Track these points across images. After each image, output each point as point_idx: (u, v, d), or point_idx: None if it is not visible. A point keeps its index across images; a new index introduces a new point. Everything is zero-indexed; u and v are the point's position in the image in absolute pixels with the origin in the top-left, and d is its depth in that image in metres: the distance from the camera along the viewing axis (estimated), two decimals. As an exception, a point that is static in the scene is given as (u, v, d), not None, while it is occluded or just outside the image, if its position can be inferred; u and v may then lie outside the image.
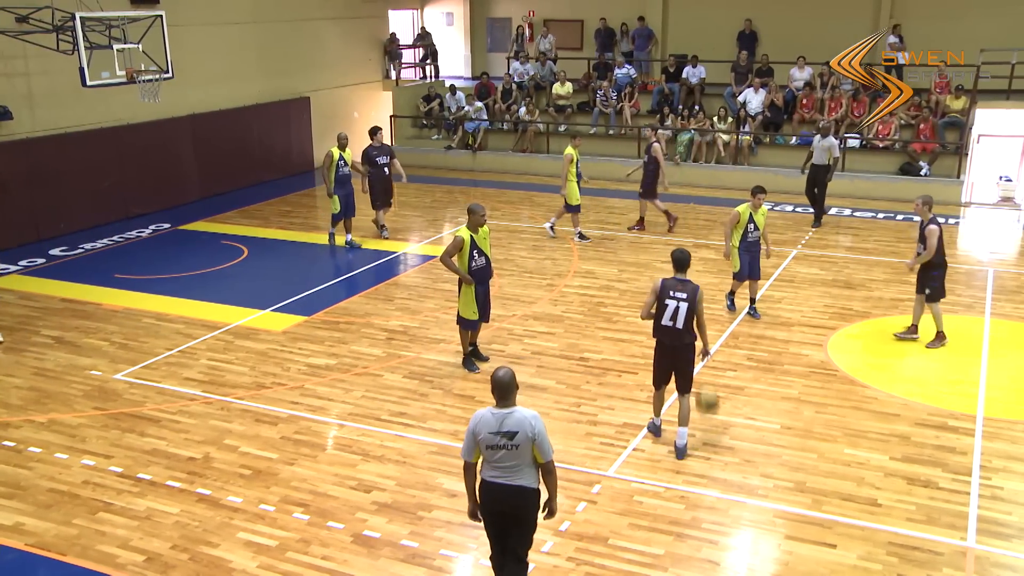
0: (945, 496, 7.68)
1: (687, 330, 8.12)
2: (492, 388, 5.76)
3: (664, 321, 8.12)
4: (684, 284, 8.15)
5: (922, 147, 19.15)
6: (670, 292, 8.11)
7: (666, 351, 8.30)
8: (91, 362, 10.70)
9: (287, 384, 10.05)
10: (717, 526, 7.29)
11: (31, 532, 7.30)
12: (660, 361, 8.43)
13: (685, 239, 15.68)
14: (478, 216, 9.81)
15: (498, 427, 5.67)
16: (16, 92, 15.41)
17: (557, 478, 5.91)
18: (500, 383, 5.71)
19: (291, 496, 7.77)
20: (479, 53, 27.65)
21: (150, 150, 17.77)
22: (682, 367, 8.31)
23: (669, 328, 8.13)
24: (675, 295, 8.09)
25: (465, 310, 10.01)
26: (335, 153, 14.83)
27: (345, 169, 14.97)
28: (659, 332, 8.25)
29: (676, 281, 8.19)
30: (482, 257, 9.90)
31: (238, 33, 19.81)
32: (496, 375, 5.73)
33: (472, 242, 9.78)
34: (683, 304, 8.05)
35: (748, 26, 22.59)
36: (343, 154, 14.91)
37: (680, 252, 8.35)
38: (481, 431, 5.70)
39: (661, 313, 8.13)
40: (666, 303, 8.10)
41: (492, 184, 20.60)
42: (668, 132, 20.81)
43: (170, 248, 15.69)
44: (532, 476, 5.77)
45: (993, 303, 12.45)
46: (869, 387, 9.83)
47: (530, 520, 5.90)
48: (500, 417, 5.69)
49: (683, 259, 8.29)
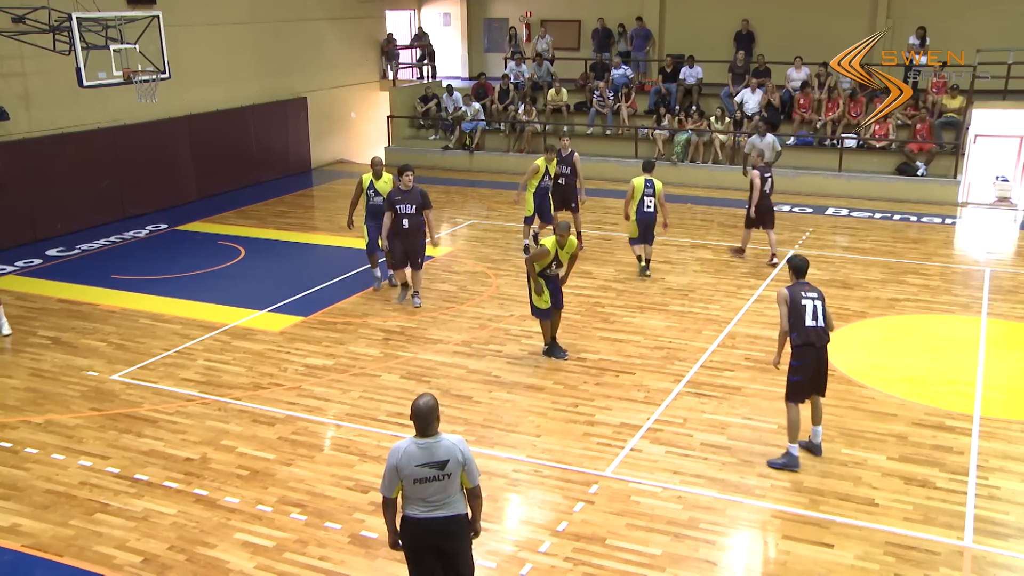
0: (942, 496, 7.69)
1: (828, 326, 8.13)
2: (412, 417, 5.38)
3: (808, 322, 8.05)
4: (808, 285, 8.22)
5: (919, 147, 19.17)
6: (802, 294, 8.12)
7: (813, 354, 8.10)
8: (88, 363, 10.69)
9: (284, 384, 10.05)
10: (714, 526, 7.30)
11: (28, 533, 7.29)
12: (807, 368, 8.09)
13: (681, 238, 15.69)
14: (562, 232, 10.20)
15: (427, 459, 5.34)
16: (13, 92, 15.39)
17: (482, 501, 5.70)
18: (421, 412, 5.35)
19: (288, 496, 7.76)
20: (476, 53, 27.65)
21: (147, 151, 17.75)
22: (825, 369, 8.23)
23: (814, 328, 8.05)
24: (807, 295, 8.11)
25: (537, 300, 10.39)
26: (364, 180, 12.74)
27: (378, 199, 12.53)
28: (806, 335, 8.03)
29: (801, 284, 8.22)
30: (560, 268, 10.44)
31: (235, 33, 19.79)
32: (417, 404, 5.38)
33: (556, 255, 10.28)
34: (818, 302, 8.08)
35: (745, 26, 22.61)
36: (375, 182, 12.64)
37: (800, 259, 8.41)
38: (406, 465, 5.33)
39: (802, 317, 8.04)
40: (803, 303, 8.07)
41: (489, 184, 20.59)
42: (665, 132, 20.83)
43: (167, 249, 15.67)
44: (462, 503, 5.55)
45: (990, 303, 12.46)
46: (866, 387, 9.84)
47: (467, 546, 5.68)
48: (427, 447, 5.35)
49: (803, 266, 8.33)
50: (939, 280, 13.51)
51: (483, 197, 19.35)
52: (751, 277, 13.56)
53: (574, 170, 14.59)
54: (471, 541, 5.73)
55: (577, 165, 14.61)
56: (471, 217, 17.66)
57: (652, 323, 11.71)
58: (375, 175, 12.64)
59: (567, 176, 14.58)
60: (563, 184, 14.57)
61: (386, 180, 12.62)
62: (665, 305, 12.38)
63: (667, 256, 14.69)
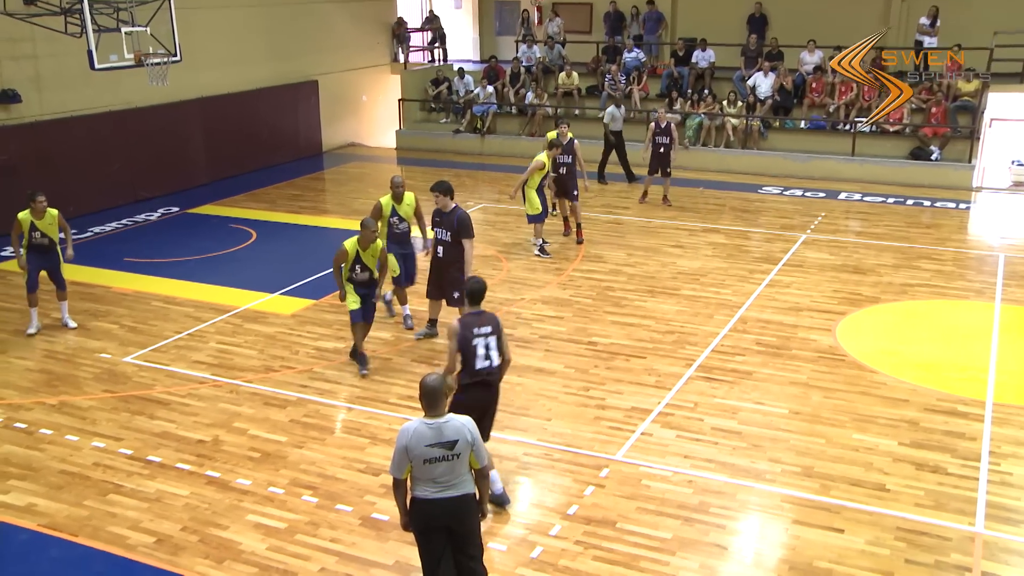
0: (954, 482, 7.67)
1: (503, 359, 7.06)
2: (421, 395, 5.41)
3: (480, 364, 6.94)
4: (484, 316, 7.00)
5: (933, 131, 19.03)
6: (474, 332, 6.91)
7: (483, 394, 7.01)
8: (101, 345, 10.74)
9: (296, 367, 10.08)
10: (725, 510, 7.30)
11: (43, 513, 7.35)
12: (472, 408, 6.56)
13: (693, 222, 15.64)
14: (368, 232, 9.42)
15: (437, 438, 5.36)
16: (24, 75, 15.41)
17: (490, 482, 5.73)
18: (430, 389, 5.38)
19: (300, 479, 7.80)
20: (488, 36, 27.52)
21: (158, 134, 17.78)
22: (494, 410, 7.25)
23: (487, 368, 6.96)
24: (480, 332, 6.92)
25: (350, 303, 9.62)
26: (385, 205, 10.63)
27: (402, 226, 10.74)
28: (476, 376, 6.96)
29: (475, 315, 7.03)
30: (365, 272, 9.56)
31: (246, 16, 19.76)
32: (425, 381, 5.40)
33: (357, 256, 9.48)
34: (491, 339, 6.95)
35: (758, 9, 22.42)
36: (396, 206, 10.60)
37: (476, 282, 7.20)
38: (416, 446, 5.34)
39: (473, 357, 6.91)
40: (474, 343, 6.90)
41: (500, 168, 20.53)
42: (677, 116, 20.73)
43: (179, 232, 15.71)
44: (470, 483, 5.57)
45: (1004, 289, 12.39)
46: (878, 372, 9.81)
47: (476, 526, 5.71)
48: (436, 428, 5.37)
49: (478, 290, 7.10)
50: (952, 265, 13.43)
51: (494, 181, 19.31)
52: (763, 262, 13.51)
53: (575, 158, 14.44)
54: (480, 522, 5.76)
55: (578, 153, 14.47)
56: (482, 201, 17.64)
57: (663, 307, 11.69)
58: (395, 197, 10.60)
59: (568, 165, 14.37)
60: (563, 174, 14.41)
61: (408, 202, 10.64)
62: (676, 289, 12.36)
63: (679, 240, 14.65)
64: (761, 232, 14.88)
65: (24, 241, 10.80)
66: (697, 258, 13.75)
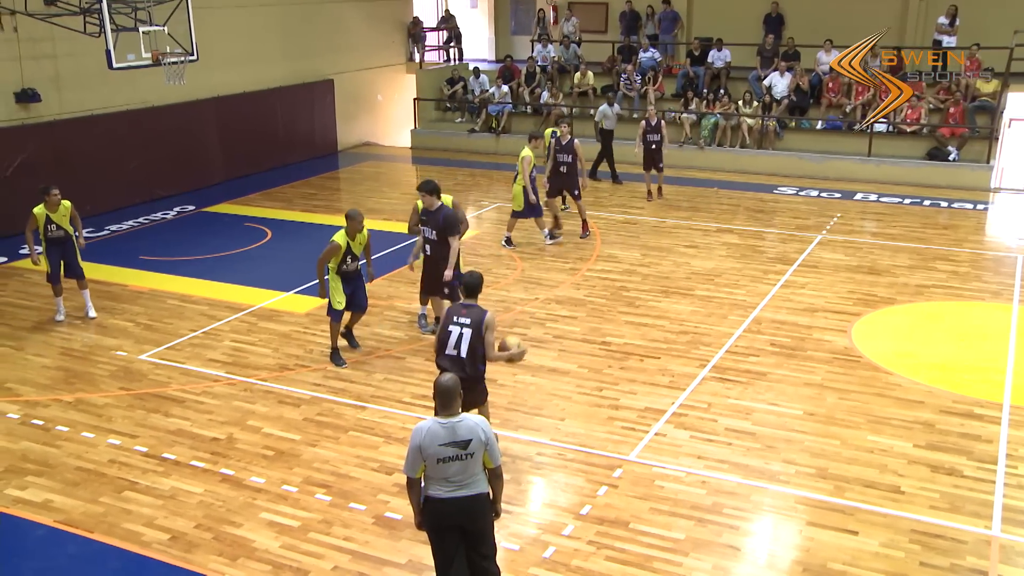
0: (970, 484, 7.62)
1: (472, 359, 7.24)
2: (435, 396, 5.45)
3: (448, 350, 7.22)
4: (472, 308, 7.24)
5: (951, 132, 18.89)
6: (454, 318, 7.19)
7: None
8: (117, 343, 10.82)
9: (310, 366, 10.11)
10: (738, 511, 7.28)
11: (59, 509, 7.41)
12: None
13: (707, 223, 15.60)
14: (355, 223, 9.61)
15: (450, 438, 5.35)
16: (44, 75, 15.53)
17: (503, 482, 5.73)
18: (444, 389, 5.40)
19: (313, 477, 7.83)
20: (503, 36, 27.53)
21: (175, 132, 17.87)
22: None
23: (452, 357, 7.20)
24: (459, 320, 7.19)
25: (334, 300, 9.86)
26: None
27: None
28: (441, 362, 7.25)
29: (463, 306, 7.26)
30: (355, 263, 9.79)
31: (262, 15, 19.85)
32: (440, 381, 5.43)
33: (348, 247, 9.68)
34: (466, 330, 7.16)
35: (774, 9, 22.33)
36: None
37: (472, 276, 7.41)
38: (429, 445, 5.34)
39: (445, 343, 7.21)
40: (449, 329, 7.16)
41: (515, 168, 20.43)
42: (693, 116, 20.67)
43: (194, 230, 15.80)
44: (484, 482, 5.57)
45: (1022, 290, 12.29)
46: (893, 374, 9.76)
47: (489, 526, 5.71)
48: (450, 427, 5.37)
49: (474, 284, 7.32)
50: (969, 267, 13.34)
51: (509, 180, 19.19)
52: (778, 262, 13.46)
53: (575, 157, 14.59)
54: (493, 521, 5.77)
55: (578, 151, 14.64)
56: (497, 200, 17.65)
57: (677, 307, 11.67)
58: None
59: (568, 164, 14.56)
60: (564, 172, 14.58)
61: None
62: (690, 290, 12.33)
63: (693, 240, 14.61)
64: (776, 232, 14.82)
65: (40, 236, 10.98)
66: (711, 258, 13.71)
